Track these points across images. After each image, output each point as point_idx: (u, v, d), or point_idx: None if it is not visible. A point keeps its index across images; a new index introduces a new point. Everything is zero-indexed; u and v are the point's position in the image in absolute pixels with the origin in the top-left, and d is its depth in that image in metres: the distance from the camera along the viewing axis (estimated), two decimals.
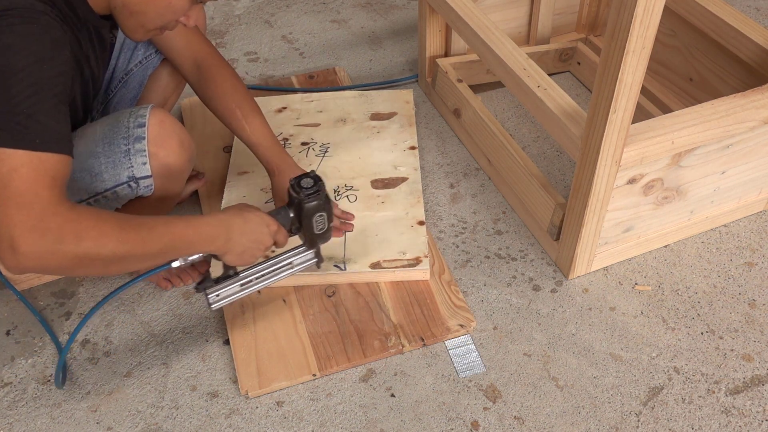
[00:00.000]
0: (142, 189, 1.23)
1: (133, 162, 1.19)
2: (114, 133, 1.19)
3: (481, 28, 1.56)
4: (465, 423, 1.26)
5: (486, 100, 1.94)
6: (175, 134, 1.23)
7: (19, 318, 1.44)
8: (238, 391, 1.31)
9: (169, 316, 1.44)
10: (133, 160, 1.19)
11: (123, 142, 1.19)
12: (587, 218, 1.34)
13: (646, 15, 1.05)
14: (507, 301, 1.45)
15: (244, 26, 2.27)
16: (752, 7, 2.24)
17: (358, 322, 1.39)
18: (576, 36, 2.07)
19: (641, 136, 1.26)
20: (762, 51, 1.45)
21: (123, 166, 1.19)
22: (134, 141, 1.19)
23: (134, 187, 1.22)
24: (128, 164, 1.19)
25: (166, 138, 1.21)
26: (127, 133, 1.19)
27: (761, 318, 1.41)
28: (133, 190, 1.23)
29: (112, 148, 1.19)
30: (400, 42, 2.18)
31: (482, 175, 1.73)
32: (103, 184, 1.20)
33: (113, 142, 1.19)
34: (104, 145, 1.19)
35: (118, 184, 1.21)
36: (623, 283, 1.48)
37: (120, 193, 1.23)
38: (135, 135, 1.19)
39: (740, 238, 1.56)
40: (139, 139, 1.19)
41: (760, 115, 1.35)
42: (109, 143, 1.19)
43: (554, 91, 1.40)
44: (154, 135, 1.20)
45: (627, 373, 1.32)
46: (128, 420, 1.27)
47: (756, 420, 1.25)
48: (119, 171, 1.20)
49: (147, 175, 1.21)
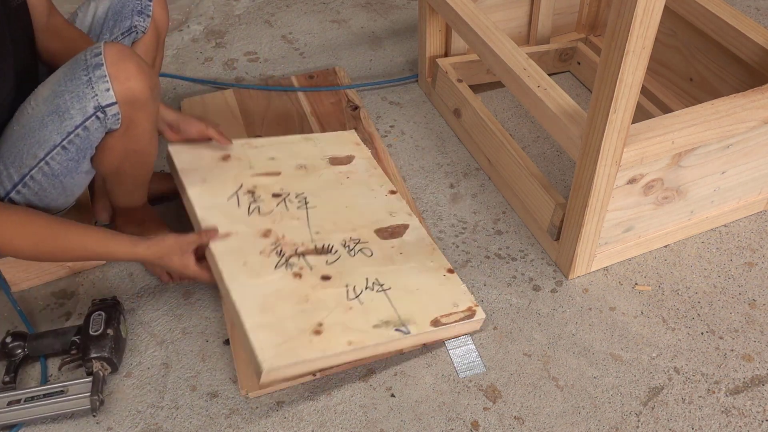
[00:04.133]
0: (110, 118, 1.23)
1: (96, 89, 1.20)
2: (74, 68, 1.21)
3: (481, 28, 1.56)
4: (465, 423, 1.26)
5: (486, 100, 1.94)
6: (132, 58, 1.23)
7: (20, 318, 1.44)
8: (238, 391, 1.31)
9: (169, 316, 1.44)
10: (96, 87, 1.20)
11: (83, 73, 1.20)
12: (587, 218, 1.34)
13: (646, 15, 1.05)
14: (507, 301, 1.45)
15: (244, 26, 2.27)
16: (752, 7, 2.24)
17: None
18: (576, 36, 2.07)
19: (641, 136, 1.26)
20: (762, 51, 1.45)
21: (87, 97, 1.20)
22: (93, 69, 1.20)
23: (102, 118, 1.22)
24: (92, 93, 1.20)
25: (124, 61, 1.22)
26: (86, 64, 1.20)
27: (761, 318, 1.41)
28: (102, 123, 1.22)
29: (74, 82, 1.20)
30: (400, 42, 2.18)
31: (482, 175, 1.73)
32: (72, 120, 1.21)
33: (74, 75, 1.21)
34: (66, 81, 1.21)
35: (86, 117, 1.21)
36: (623, 283, 1.48)
37: (90, 128, 1.22)
38: (93, 63, 1.20)
39: (740, 238, 1.56)
40: (97, 66, 1.20)
41: (760, 115, 1.35)
42: (71, 79, 1.21)
43: (554, 91, 1.40)
44: (111, 59, 1.21)
45: (627, 373, 1.32)
46: (128, 420, 1.27)
47: (756, 420, 1.25)
48: (85, 103, 1.20)
49: (112, 101, 1.21)
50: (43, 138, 1.21)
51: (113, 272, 1.52)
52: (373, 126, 1.84)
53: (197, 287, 1.49)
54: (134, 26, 1.46)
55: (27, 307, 1.46)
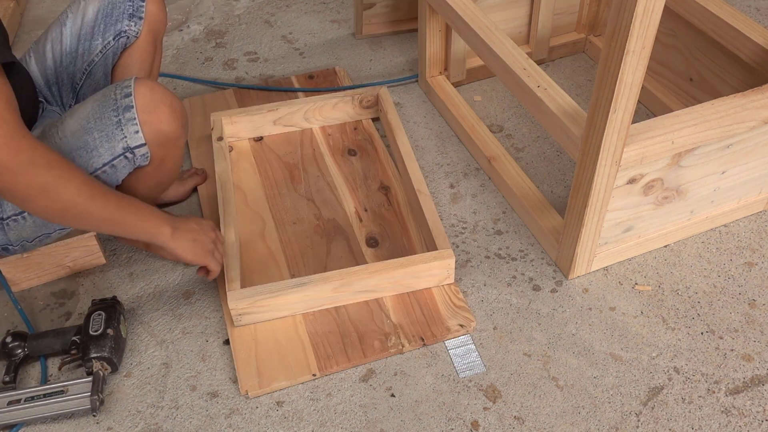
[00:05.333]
0: (139, 158, 1.23)
1: (125, 132, 1.19)
2: (103, 107, 1.20)
3: (481, 28, 1.56)
4: (465, 423, 1.26)
5: (486, 100, 1.94)
6: (164, 100, 1.22)
7: (20, 318, 1.44)
8: (238, 391, 1.31)
9: (169, 316, 1.44)
10: (125, 130, 1.19)
11: (113, 114, 1.19)
12: (587, 218, 1.34)
13: (646, 15, 1.05)
14: (507, 301, 1.45)
15: (244, 26, 2.27)
16: (752, 7, 2.24)
17: (358, 322, 1.39)
18: (576, 36, 2.07)
19: (641, 136, 1.26)
20: (762, 51, 1.45)
21: (116, 138, 1.19)
22: (123, 111, 1.19)
23: (131, 158, 1.22)
24: (121, 135, 1.19)
25: (156, 104, 1.21)
26: (116, 105, 1.19)
27: (761, 318, 1.41)
28: (130, 161, 1.22)
29: (104, 121, 1.19)
30: (400, 42, 2.18)
31: (482, 175, 1.73)
32: (101, 158, 1.20)
33: (104, 115, 1.20)
34: (95, 120, 1.20)
35: (115, 156, 1.21)
36: (623, 283, 1.48)
37: (118, 166, 1.22)
38: (124, 105, 1.19)
39: (740, 238, 1.56)
40: (128, 109, 1.19)
41: (760, 115, 1.35)
42: (100, 117, 1.20)
43: (554, 91, 1.40)
44: (142, 103, 1.20)
45: (627, 373, 1.32)
46: (128, 420, 1.27)
47: (756, 420, 1.25)
48: (113, 143, 1.20)
49: (141, 143, 1.20)
50: None
51: (113, 272, 1.52)
52: (372, 126, 1.84)
53: (197, 287, 1.49)
54: (124, 31, 1.41)
55: (27, 307, 1.46)
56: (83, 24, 1.42)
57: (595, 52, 2.04)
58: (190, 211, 1.65)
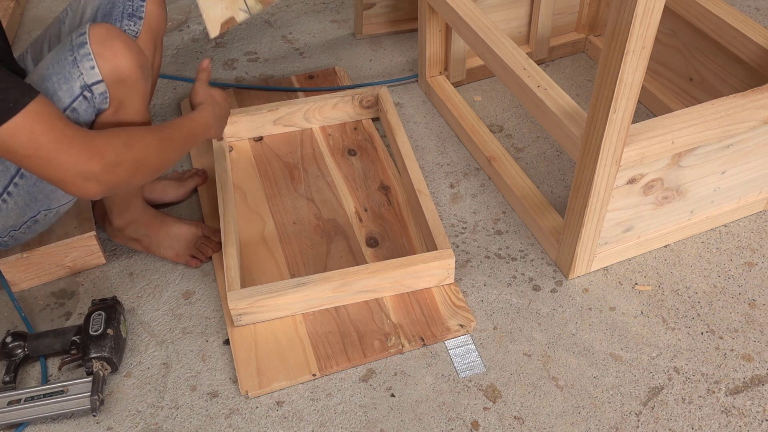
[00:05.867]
0: (98, 98, 1.21)
1: (81, 68, 1.19)
2: (60, 51, 1.21)
3: (481, 28, 1.56)
4: (465, 423, 1.26)
5: (486, 100, 1.94)
6: (119, 36, 1.22)
7: (20, 318, 1.44)
8: (238, 391, 1.31)
9: (169, 316, 1.44)
10: (81, 66, 1.18)
11: (69, 54, 1.19)
12: (587, 218, 1.34)
13: (646, 15, 1.05)
14: (507, 301, 1.45)
15: (244, 26, 2.27)
16: (752, 7, 2.24)
17: (358, 322, 1.39)
18: (576, 36, 2.07)
19: (641, 136, 1.26)
20: (762, 51, 1.45)
21: (74, 77, 1.19)
22: (78, 48, 1.19)
23: (90, 97, 1.20)
24: (78, 73, 1.19)
25: (110, 40, 1.21)
26: (71, 45, 1.19)
27: (761, 318, 1.41)
28: (90, 102, 1.21)
29: (61, 63, 1.19)
30: (400, 42, 2.18)
31: (482, 175, 1.73)
32: (60, 102, 1.19)
33: (60, 58, 1.20)
34: (53, 65, 1.20)
35: (74, 98, 1.20)
36: (623, 283, 1.48)
37: (79, 109, 1.21)
38: (78, 43, 1.19)
39: (740, 238, 1.56)
40: (82, 45, 1.19)
41: (760, 115, 1.35)
42: (58, 61, 1.20)
43: (554, 91, 1.40)
44: (96, 38, 1.19)
45: (627, 373, 1.32)
46: (128, 420, 1.27)
47: (756, 420, 1.25)
48: (71, 83, 1.19)
49: (98, 79, 1.19)
50: None
51: (113, 272, 1.52)
52: (372, 126, 1.84)
53: (197, 287, 1.49)
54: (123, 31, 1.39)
55: (27, 307, 1.46)
56: (81, 23, 1.41)
57: (595, 52, 2.04)
58: (189, 211, 1.65)
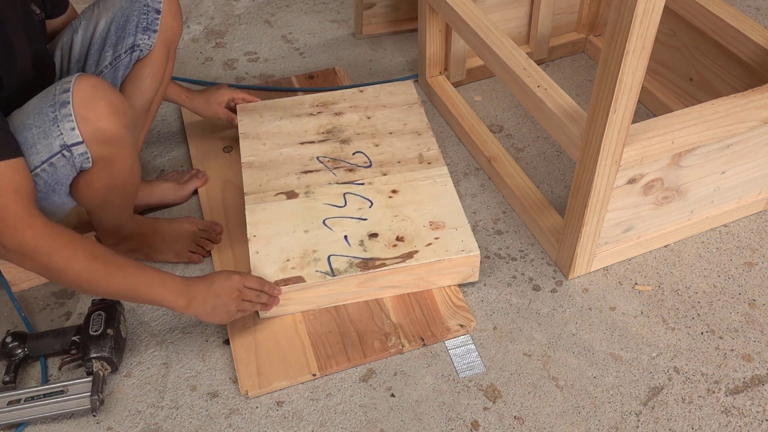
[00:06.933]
0: (77, 158, 1.19)
1: (61, 128, 1.16)
2: (43, 103, 1.18)
3: (481, 28, 1.56)
4: (465, 423, 1.26)
5: (486, 100, 1.94)
6: (104, 97, 1.19)
7: (20, 318, 1.44)
8: (238, 391, 1.31)
9: (169, 316, 1.44)
10: (61, 126, 1.16)
11: (50, 110, 1.16)
12: (587, 218, 1.34)
13: (646, 15, 1.05)
14: (507, 301, 1.45)
15: (244, 26, 2.27)
16: (752, 7, 2.24)
17: (358, 322, 1.39)
18: (576, 36, 2.07)
19: (641, 136, 1.26)
20: (762, 51, 1.45)
21: (53, 135, 1.16)
22: (60, 107, 1.16)
23: (68, 156, 1.18)
24: (57, 132, 1.16)
25: (94, 101, 1.18)
26: (54, 100, 1.16)
27: (761, 318, 1.41)
28: (68, 161, 1.19)
29: (41, 117, 1.17)
30: (400, 42, 2.18)
31: (482, 175, 1.73)
32: (39, 156, 1.17)
33: (42, 111, 1.17)
34: (34, 116, 1.17)
35: (52, 154, 1.17)
36: (623, 283, 1.48)
37: (57, 165, 1.19)
38: (60, 101, 1.16)
39: (740, 238, 1.56)
40: (64, 104, 1.16)
41: (760, 115, 1.35)
42: (38, 113, 1.17)
43: (554, 91, 1.40)
44: (79, 99, 1.16)
45: (627, 373, 1.32)
46: (128, 420, 1.27)
47: (756, 420, 1.25)
48: (50, 140, 1.16)
49: (78, 141, 1.17)
50: None
51: None
52: None
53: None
54: (137, 45, 1.40)
55: (27, 307, 1.46)
56: (95, 33, 1.40)
57: (595, 52, 2.04)
58: (189, 212, 1.65)
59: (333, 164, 1.58)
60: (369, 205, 1.49)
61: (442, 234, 1.42)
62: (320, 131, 1.67)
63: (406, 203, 1.49)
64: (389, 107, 1.73)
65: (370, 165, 1.58)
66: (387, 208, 1.48)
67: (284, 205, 1.49)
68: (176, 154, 1.79)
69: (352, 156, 1.60)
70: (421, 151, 1.61)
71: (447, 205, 1.49)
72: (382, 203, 1.49)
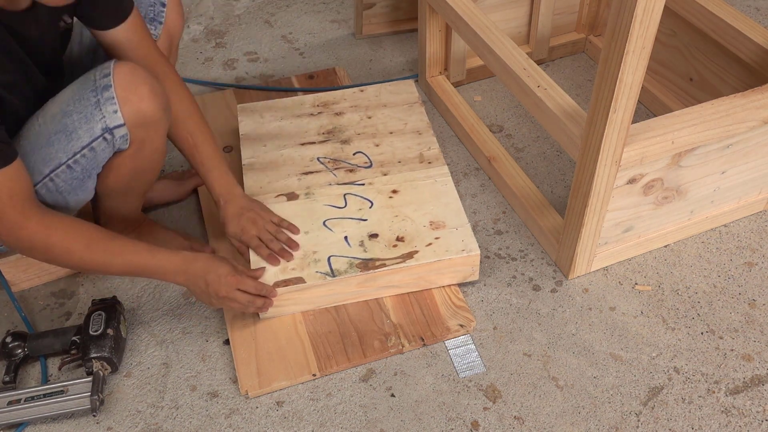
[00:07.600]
0: (118, 140, 1.21)
1: (104, 111, 1.18)
2: (83, 88, 1.20)
3: (481, 28, 1.56)
4: (465, 423, 1.26)
5: (486, 100, 1.94)
6: (145, 80, 1.21)
7: (20, 318, 1.44)
8: (238, 391, 1.31)
9: (169, 316, 1.44)
10: (104, 109, 1.18)
11: (92, 94, 1.18)
12: (587, 218, 1.34)
13: (646, 15, 1.05)
14: (507, 301, 1.45)
15: (244, 26, 2.27)
16: (752, 7, 2.24)
17: (358, 322, 1.39)
18: (576, 36, 2.07)
19: (641, 136, 1.26)
20: (762, 51, 1.45)
21: (95, 119, 1.18)
22: (102, 90, 1.18)
23: (110, 140, 1.20)
24: (100, 115, 1.18)
25: (136, 84, 1.20)
26: (95, 85, 1.19)
27: (761, 318, 1.41)
28: (109, 143, 1.21)
29: (83, 102, 1.19)
30: (400, 42, 2.18)
31: (482, 175, 1.73)
32: (80, 141, 1.19)
33: (83, 97, 1.19)
34: (74, 102, 1.19)
35: (94, 138, 1.19)
36: (623, 283, 1.48)
37: (97, 149, 1.21)
38: (102, 85, 1.18)
39: (740, 238, 1.56)
40: (106, 88, 1.18)
41: (760, 115, 1.35)
42: (80, 99, 1.19)
43: (554, 91, 1.40)
44: (121, 81, 1.19)
45: (627, 373, 1.32)
46: (128, 420, 1.27)
47: (756, 420, 1.25)
48: (92, 124, 1.19)
49: (120, 123, 1.19)
50: (49, 156, 1.20)
51: None
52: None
53: None
54: None
55: (27, 307, 1.46)
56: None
57: (595, 52, 2.04)
58: (188, 212, 1.65)
59: (333, 165, 1.58)
60: (369, 206, 1.49)
61: (442, 234, 1.42)
62: (321, 131, 1.67)
63: (407, 203, 1.49)
64: (390, 106, 1.73)
65: (370, 165, 1.58)
66: (387, 209, 1.48)
67: (285, 206, 1.49)
68: (176, 154, 1.79)
69: (352, 156, 1.60)
70: (422, 150, 1.61)
71: (447, 204, 1.49)
72: (382, 203, 1.49)
